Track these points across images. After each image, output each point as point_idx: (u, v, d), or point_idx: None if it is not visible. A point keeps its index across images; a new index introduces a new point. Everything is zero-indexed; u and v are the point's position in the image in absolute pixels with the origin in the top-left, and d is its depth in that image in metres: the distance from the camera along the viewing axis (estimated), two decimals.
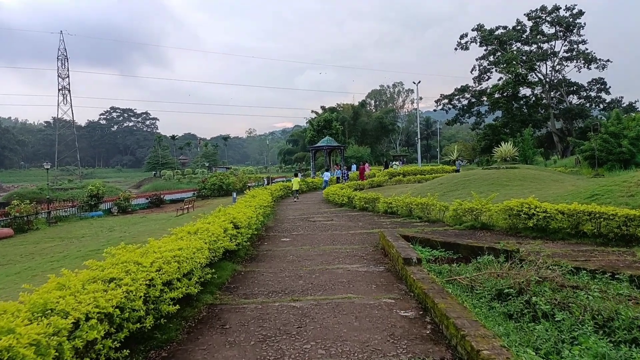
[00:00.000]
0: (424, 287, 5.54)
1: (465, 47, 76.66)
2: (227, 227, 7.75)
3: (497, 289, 5.40)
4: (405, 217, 13.86)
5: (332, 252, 9.03)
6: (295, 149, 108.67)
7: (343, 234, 11.33)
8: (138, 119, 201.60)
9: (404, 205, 14.05)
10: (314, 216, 15.74)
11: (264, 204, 13.31)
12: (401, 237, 8.61)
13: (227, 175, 45.56)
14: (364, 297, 5.98)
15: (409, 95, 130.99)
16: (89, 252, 12.95)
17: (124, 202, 35.92)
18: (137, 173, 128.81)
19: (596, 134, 34.96)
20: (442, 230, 11.21)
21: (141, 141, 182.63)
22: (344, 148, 49.05)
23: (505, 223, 10.66)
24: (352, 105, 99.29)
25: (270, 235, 11.65)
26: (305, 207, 20.00)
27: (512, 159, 32.80)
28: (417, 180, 35.06)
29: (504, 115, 69.33)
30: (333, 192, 20.54)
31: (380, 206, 15.42)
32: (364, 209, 16.66)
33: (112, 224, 26.49)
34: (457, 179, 21.08)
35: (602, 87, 71.18)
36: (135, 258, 4.79)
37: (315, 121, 78.57)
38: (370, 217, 14.83)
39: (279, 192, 23.53)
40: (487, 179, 19.35)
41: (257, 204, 12.27)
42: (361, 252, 9.01)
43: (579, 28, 69.76)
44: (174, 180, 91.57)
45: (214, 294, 6.25)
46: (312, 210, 18.07)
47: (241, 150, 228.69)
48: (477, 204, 11.37)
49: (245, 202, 12.41)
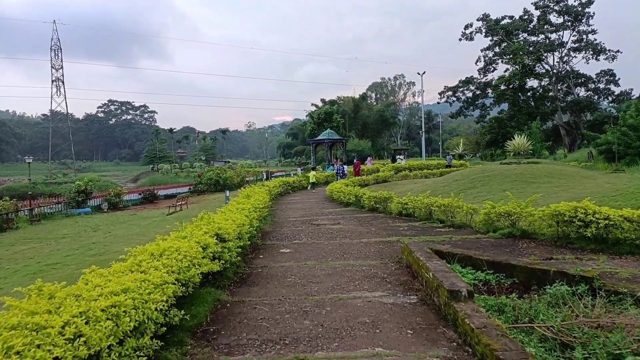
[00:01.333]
0: (494, 345, 3.66)
1: (470, 38, 74.48)
2: (209, 243, 5.86)
3: (612, 354, 3.52)
4: (425, 220, 11.95)
5: (345, 271, 7.14)
6: (295, 143, 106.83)
7: (355, 243, 9.42)
8: (136, 112, 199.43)
9: (422, 207, 12.12)
10: (317, 218, 13.83)
11: (260, 205, 11.39)
12: (433, 253, 6.73)
13: (224, 170, 43.63)
14: (399, 354, 4.11)
15: (410, 88, 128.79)
16: (46, 267, 11.09)
17: (115, 197, 34.00)
18: (135, 167, 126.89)
19: (615, 126, 33.00)
20: (474, 239, 9.33)
21: (139, 134, 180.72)
22: (345, 141, 47.05)
23: (551, 231, 8.78)
24: (353, 98, 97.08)
25: (267, 245, 9.74)
26: (308, 206, 18.10)
27: (525, 152, 30.84)
28: (424, 176, 33.21)
29: (510, 108, 67.24)
30: (338, 190, 18.61)
31: (394, 207, 13.51)
32: (374, 210, 14.74)
33: (98, 222, 24.59)
34: (473, 174, 19.18)
35: (611, 79, 69.09)
36: (42, 312, 2.92)
37: (315, 114, 76.47)
38: (383, 219, 12.91)
39: (277, 188, 21.56)
40: (509, 175, 17.46)
41: (251, 206, 10.38)
42: (381, 270, 7.13)
43: (588, 18, 67.61)
44: (171, 174, 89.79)
45: (183, 345, 4.36)
46: (314, 211, 16.16)
47: (240, 143, 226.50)
48: (515, 207, 9.48)
49: (238, 203, 10.49)
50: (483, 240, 9.18)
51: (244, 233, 7.80)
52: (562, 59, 70.79)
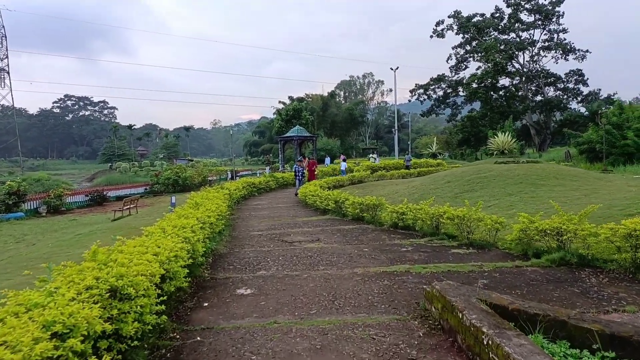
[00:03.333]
0: None
1: (441, 35, 73.00)
2: (90, 318, 2.85)
3: None
4: (430, 236, 9.17)
5: (342, 340, 4.23)
6: (262, 141, 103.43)
7: (346, 276, 6.51)
8: (95, 107, 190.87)
9: (427, 218, 9.33)
10: (289, 231, 10.78)
11: (212, 217, 8.29)
12: (493, 313, 3.93)
13: (183, 169, 39.83)
14: None
15: (379, 86, 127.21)
16: None
17: (56, 200, 29.88)
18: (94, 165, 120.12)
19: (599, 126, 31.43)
20: (513, 268, 6.61)
21: (98, 131, 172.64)
22: (315, 139, 44.16)
23: (622, 257, 6.17)
24: (322, 96, 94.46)
25: (217, 280, 6.62)
26: (276, 213, 14.93)
27: (510, 151, 28.81)
28: (401, 176, 30.76)
29: (483, 107, 66.12)
30: (312, 193, 15.51)
31: (386, 217, 10.65)
32: (359, 219, 11.87)
33: (28, 230, 20.80)
34: (467, 175, 16.67)
35: (580, 79, 68.99)
36: None
37: (283, 111, 73.29)
38: (374, 233, 10.02)
39: (240, 191, 18.29)
40: (511, 177, 15.00)
41: (199, 219, 7.35)
42: (403, 338, 4.25)
43: (558, 17, 67.22)
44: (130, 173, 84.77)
45: None
46: (285, 220, 13.05)
47: (205, 141, 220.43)
48: (566, 223, 6.81)
49: (179, 217, 7.40)
50: (527, 270, 6.46)
51: (174, 272, 4.78)
52: (532, 58, 70.26)
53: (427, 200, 10.05)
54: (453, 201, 13.88)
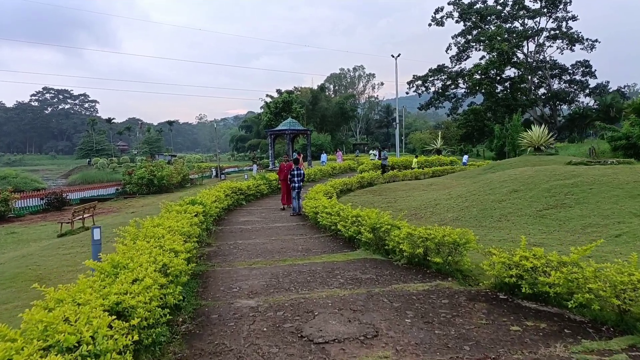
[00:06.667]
0: None
1: (440, 23, 68.56)
2: None
3: None
4: (615, 327, 4.41)
5: None
6: (249, 136, 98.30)
7: None
8: (75, 101, 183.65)
9: (605, 287, 4.47)
10: (308, 299, 5.53)
11: (156, 283, 3.44)
12: None
13: (160, 166, 34.57)
14: None
15: (369, 80, 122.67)
16: None
17: (1, 204, 24.65)
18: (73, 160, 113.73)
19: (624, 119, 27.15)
20: None
21: (78, 125, 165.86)
22: (310, 133, 39.27)
23: None
24: (311, 89, 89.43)
25: None
26: (276, 244, 9.34)
27: (546, 147, 24.34)
28: (414, 176, 26.17)
29: (487, 99, 61.74)
30: (327, 210, 10.17)
31: (487, 266, 5.81)
32: (419, 263, 7.06)
33: None
34: (543, 182, 12.00)
35: (587, 71, 65.07)
36: None
37: (272, 103, 68.13)
38: (477, 312, 5.10)
39: (222, 202, 13.19)
40: (617, 185, 10.37)
41: (112, 304, 2.55)
42: None
43: (566, 4, 63.04)
44: (107, 169, 79.31)
45: None
46: (293, 263, 7.56)
47: (191, 136, 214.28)
48: None
49: (80, 293, 2.56)
50: None
51: None
52: (537, 49, 66.10)
53: (591, 244, 5.05)
54: (540, 223, 9.20)
